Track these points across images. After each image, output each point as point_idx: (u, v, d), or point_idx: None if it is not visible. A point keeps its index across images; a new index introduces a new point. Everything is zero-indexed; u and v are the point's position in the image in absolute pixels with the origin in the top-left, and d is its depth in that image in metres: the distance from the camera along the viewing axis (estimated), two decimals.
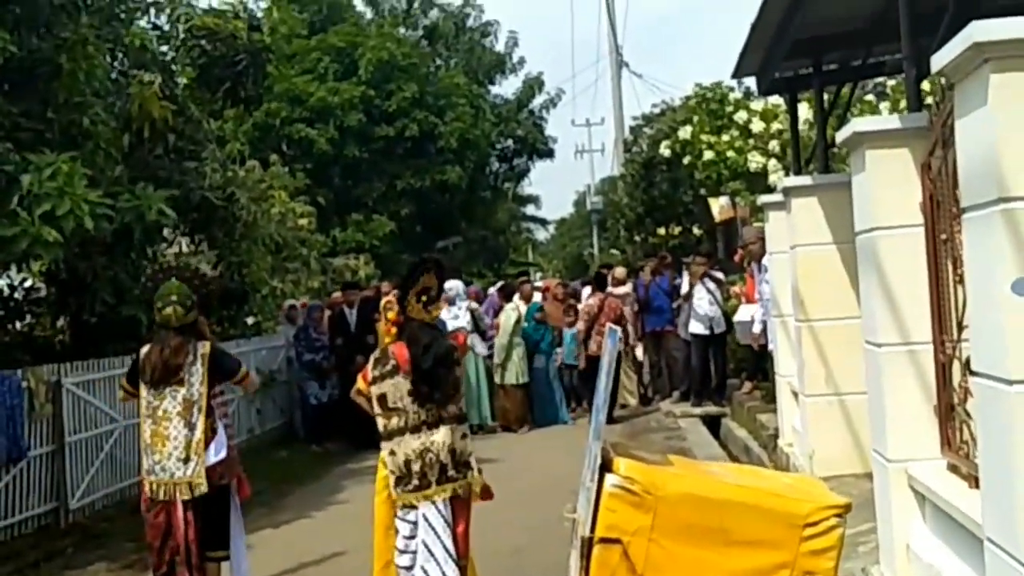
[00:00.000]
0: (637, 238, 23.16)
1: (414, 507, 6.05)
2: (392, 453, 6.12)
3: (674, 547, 3.89)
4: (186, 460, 6.45)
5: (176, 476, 6.44)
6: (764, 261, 12.12)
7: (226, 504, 6.81)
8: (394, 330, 6.34)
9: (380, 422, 6.18)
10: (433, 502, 6.02)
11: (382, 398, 6.19)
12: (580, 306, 16.51)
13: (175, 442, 6.46)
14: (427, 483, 6.03)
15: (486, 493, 6.22)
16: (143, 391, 6.60)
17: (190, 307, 6.66)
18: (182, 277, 6.95)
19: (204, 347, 6.68)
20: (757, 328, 13.27)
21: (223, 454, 6.62)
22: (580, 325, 15.93)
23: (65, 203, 8.44)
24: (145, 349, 6.72)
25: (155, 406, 6.52)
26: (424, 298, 6.24)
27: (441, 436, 6.07)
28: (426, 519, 6.01)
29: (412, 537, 6.05)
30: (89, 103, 9.81)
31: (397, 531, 6.14)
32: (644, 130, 24.96)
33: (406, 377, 6.12)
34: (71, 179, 8.52)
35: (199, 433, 6.47)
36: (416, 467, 6.04)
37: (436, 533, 6.00)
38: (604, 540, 3.91)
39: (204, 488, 6.45)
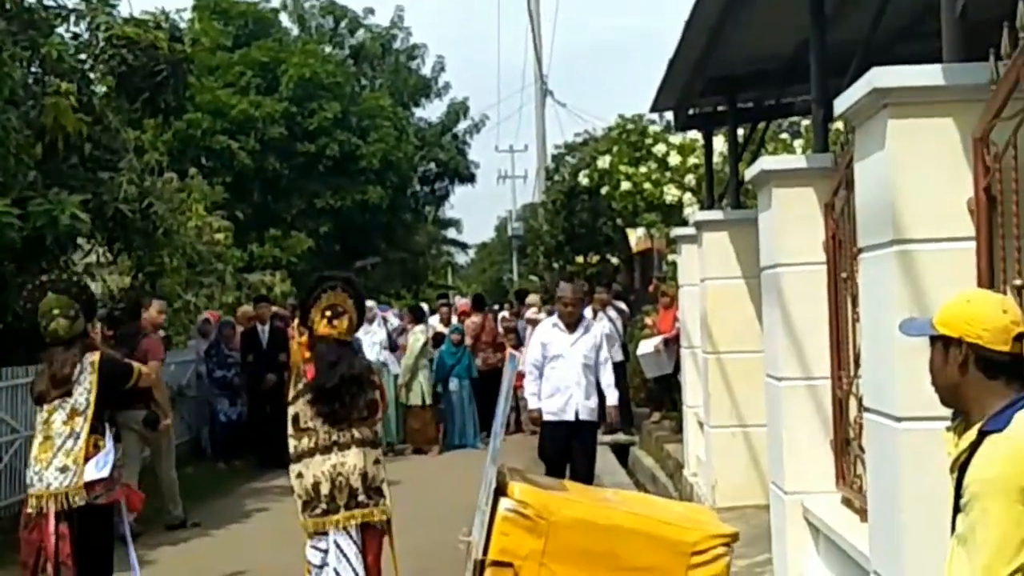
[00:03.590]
0: (556, 265, 23.27)
1: (324, 534, 5.87)
2: (300, 476, 5.96)
3: (564, 571, 3.92)
4: (63, 469, 6.15)
5: (52, 487, 6.12)
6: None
7: (108, 527, 6.45)
8: (308, 353, 6.17)
9: (291, 443, 6.02)
10: (345, 528, 5.86)
11: (295, 418, 6.04)
12: (467, 323, 17.14)
13: (56, 451, 6.20)
14: (335, 507, 5.87)
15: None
16: (38, 410, 6.40)
17: (75, 317, 6.44)
18: (58, 289, 6.57)
19: (94, 356, 6.44)
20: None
21: (105, 472, 6.24)
22: (468, 340, 16.60)
23: None
24: (39, 369, 6.56)
25: (47, 420, 6.30)
26: (328, 313, 6.10)
27: (352, 459, 5.92)
28: (338, 546, 5.84)
29: (323, 567, 5.86)
30: (1, 109, 9.64)
31: (308, 562, 5.95)
32: (566, 158, 25.14)
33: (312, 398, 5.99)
34: None
35: (81, 443, 6.18)
36: (325, 490, 5.88)
37: (348, 561, 5.83)
38: (496, 563, 3.94)
39: (80, 501, 6.09)
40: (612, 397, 9.74)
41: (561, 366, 9.36)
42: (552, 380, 9.40)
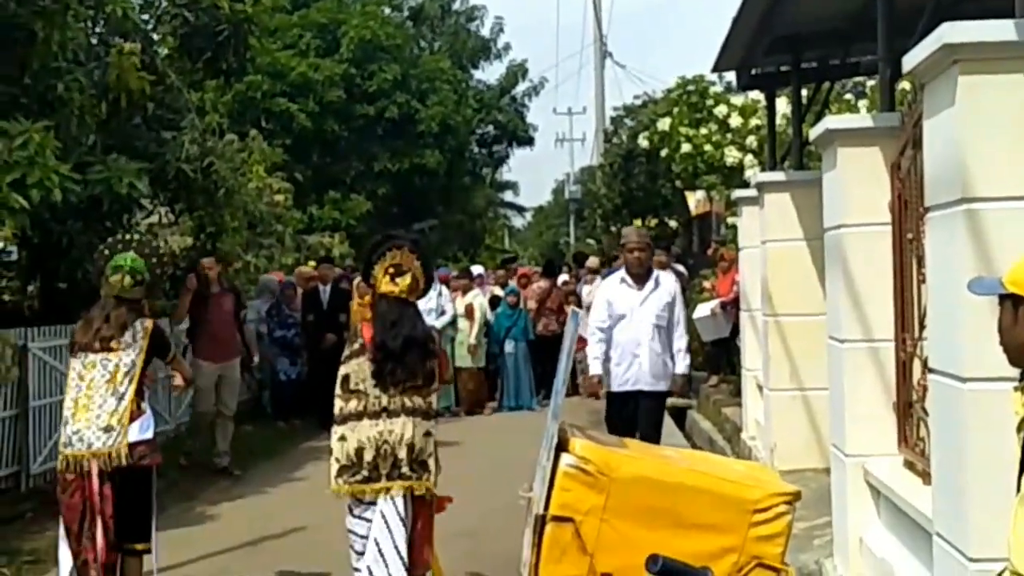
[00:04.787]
0: (614, 228, 23.20)
1: (371, 503, 5.66)
2: (343, 439, 5.73)
3: (625, 528, 3.93)
4: (107, 429, 6.01)
5: (95, 447, 5.98)
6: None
7: (147, 490, 6.27)
8: (369, 313, 6.06)
9: (337, 404, 5.81)
10: (392, 499, 5.64)
11: (345, 378, 5.83)
12: (533, 287, 17.23)
13: (98, 411, 6.05)
14: (377, 476, 5.64)
15: (440, 505, 5.90)
16: (73, 361, 6.26)
17: (140, 281, 6.38)
18: (142, 253, 6.51)
19: (147, 323, 6.35)
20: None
21: (149, 434, 6.17)
22: (532, 304, 16.68)
23: (35, 173, 8.37)
24: (85, 315, 6.42)
25: (82, 375, 6.15)
26: (392, 271, 5.88)
27: (400, 427, 5.68)
28: (383, 516, 5.63)
29: (366, 537, 5.67)
30: (66, 70, 9.75)
31: (350, 531, 5.76)
32: (625, 121, 24.99)
33: (370, 357, 5.78)
34: (43, 149, 8.45)
35: (126, 403, 6.07)
36: (368, 456, 5.65)
37: (390, 533, 5.63)
38: (557, 518, 3.95)
39: (124, 460, 5.97)
40: (682, 364, 8.70)
41: (629, 327, 8.52)
42: (619, 343, 8.55)
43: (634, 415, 8.46)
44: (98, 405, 6.06)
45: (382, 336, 5.78)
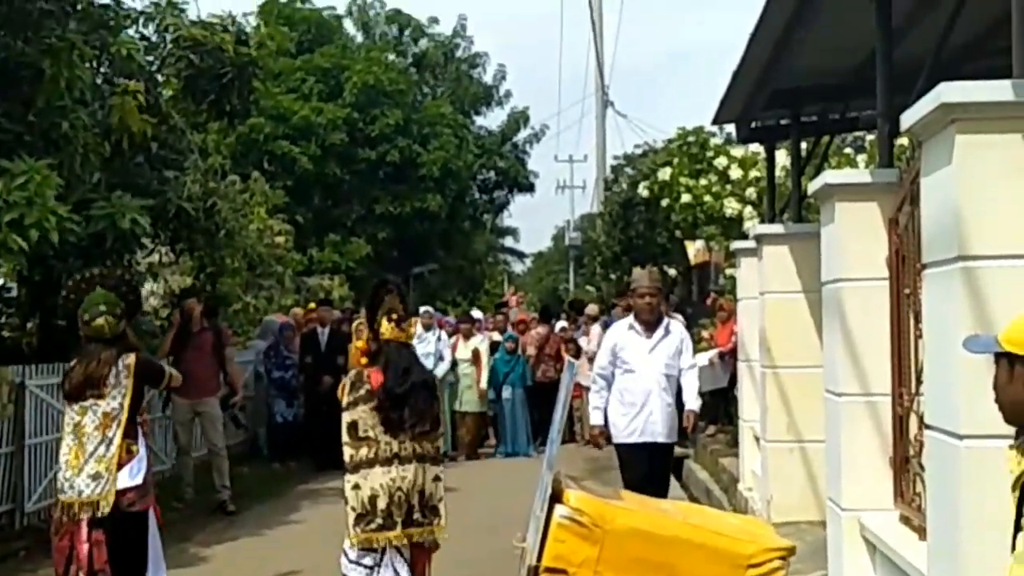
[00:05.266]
0: (613, 276, 23.22)
1: (372, 550, 5.62)
2: (356, 487, 5.65)
3: None
4: (96, 477, 6.01)
5: (84, 495, 5.99)
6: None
7: (141, 534, 6.29)
8: (364, 359, 5.98)
9: (347, 452, 5.72)
10: (398, 548, 5.62)
11: (352, 425, 5.73)
12: (532, 333, 17.40)
13: (88, 458, 6.03)
14: (391, 524, 5.59)
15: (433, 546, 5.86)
16: (66, 408, 6.25)
17: (120, 316, 6.31)
18: (107, 285, 6.42)
19: (129, 359, 6.29)
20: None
21: (139, 479, 6.14)
22: (531, 350, 16.86)
23: (33, 213, 8.40)
24: (71, 364, 6.37)
25: (76, 421, 6.14)
26: (395, 316, 5.89)
27: (412, 473, 5.66)
28: (390, 565, 5.60)
29: None
30: (70, 108, 9.82)
31: None
32: (625, 170, 25.06)
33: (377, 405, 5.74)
34: (42, 189, 8.49)
35: (114, 449, 6.05)
36: (382, 504, 5.60)
37: None
38: (550, 570, 3.94)
39: (107, 509, 5.97)
40: (692, 402, 8.47)
41: (638, 377, 8.28)
42: (627, 393, 8.29)
43: (642, 465, 8.19)
44: (88, 452, 6.05)
45: (393, 383, 5.76)
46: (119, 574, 6.09)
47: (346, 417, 5.77)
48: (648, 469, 8.16)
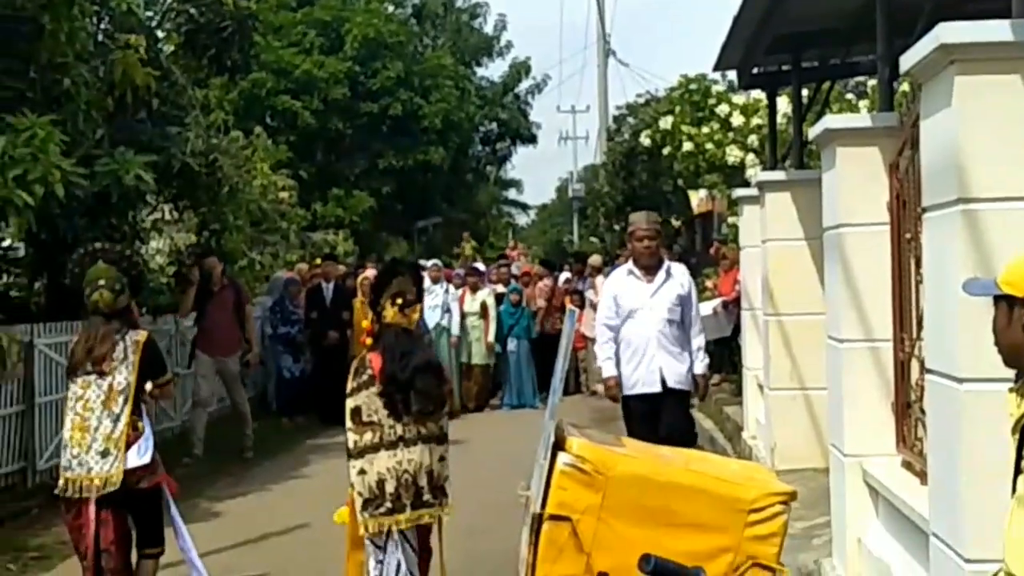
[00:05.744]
0: (616, 227, 23.21)
1: (386, 532, 5.57)
2: (362, 472, 5.58)
3: (621, 526, 3.95)
4: (104, 453, 5.92)
5: (93, 471, 5.89)
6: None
7: (155, 508, 6.25)
8: (369, 340, 5.95)
9: (351, 438, 5.66)
10: (403, 532, 5.58)
11: (356, 411, 5.67)
12: (540, 286, 17.53)
13: (95, 434, 5.95)
14: (401, 506, 5.55)
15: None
16: (71, 383, 6.14)
17: (119, 291, 6.22)
18: (109, 259, 6.33)
19: (139, 335, 6.21)
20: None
21: (147, 458, 6.05)
22: (541, 303, 16.99)
23: (37, 168, 8.40)
24: (75, 339, 6.34)
25: (79, 395, 6.05)
26: (399, 301, 5.79)
27: (418, 455, 5.60)
28: (398, 545, 5.58)
29: (381, 562, 5.60)
30: (72, 65, 9.78)
31: (368, 555, 5.68)
32: (628, 119, 24.99)
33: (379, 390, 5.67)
34: (46, 144, 8.48)
35: (122, 426, 5.96)
36: (390, 488, 5.54)
37: (406, 561, 5.59)
38: (554, 517, 3.97)
39: (116, 486, 5.87)
40: (700, 364, 8.14)
41: (640, 324, 7.91)
42: (631, 342, 7.93)
43: (653, 418, 7.77)
44: (94, 428, 5.97)
45: (391, 368, 5.68)
46: (139, 543, 6.13)
47: (350, 403, 5.71)
48: (658, 420, 7.75)
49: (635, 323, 7.94)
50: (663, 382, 7.88)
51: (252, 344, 12.89)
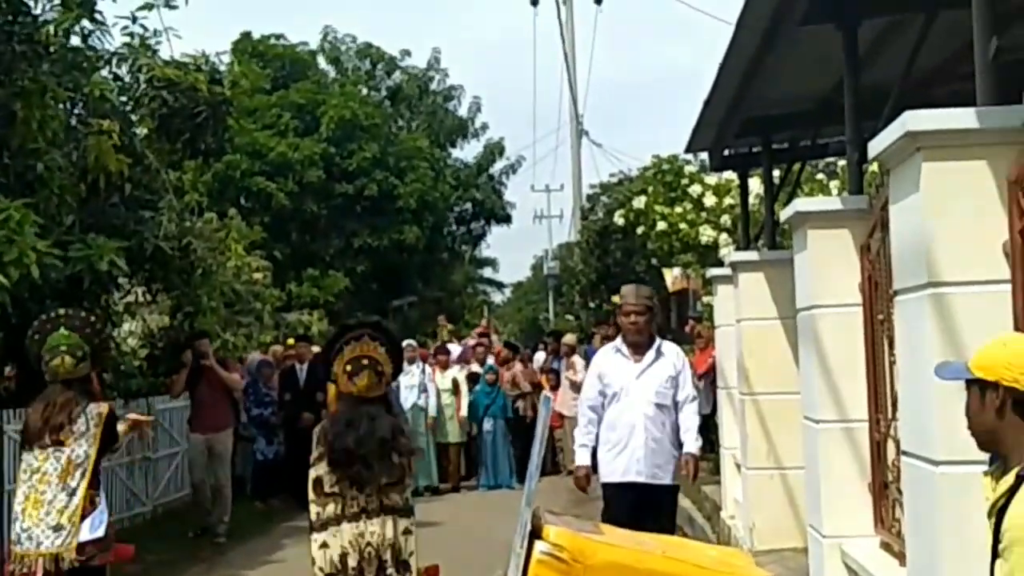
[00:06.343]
0: (592, 304, 23.29)
1: None
2: (324, 546, 5.44)
3: None
4: (57, 528, 5.78)
5: (43, 546, 5.74)
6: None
7: None
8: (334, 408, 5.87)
9: (314, 509, 5.52)
10: None
11: (317, 481, 5.53)
12: (517, 371, 17.39)
13: (48, 507, 5.80)
14: None
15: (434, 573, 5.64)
16: (25, 455, 6.01)
17: (81, 358, 6.11)
18: (72, 326, 6.20)
19: (101, 408, 6.12)
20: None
21: (100, 532, 5.92)
22: (526, 387, 16.96)
23: (13, 251, 8.38)
24: (31, 409, 6.14)
25: (35, 467, 5.90)
26: (349, 368, 5.58)
27: (380, 527, 5.45)
28: None
29: None
30: (45, 150, 9.79)
31: None
32: (601, 198, 25.19)
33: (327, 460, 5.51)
34: (21, 227, 8.48)
35: (77, 500, 5.83)
36: (352, 562, 5.40)
37: None
38: None
39: (72, 563, 5.74)
40: (691, 444, 7.35)
41: (625, 407, 7.33)
42: (614, 426, 7.35)
43: (634, 508, 7.07)
44: (48, 501, 5.82)
45: (333, 437, 5.53)
46: None
47: (312, 473, 5.57)
48: (639, 511, 7.00)
49: (620, 406, 7.36)
50: (647, 474, 7.27)
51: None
